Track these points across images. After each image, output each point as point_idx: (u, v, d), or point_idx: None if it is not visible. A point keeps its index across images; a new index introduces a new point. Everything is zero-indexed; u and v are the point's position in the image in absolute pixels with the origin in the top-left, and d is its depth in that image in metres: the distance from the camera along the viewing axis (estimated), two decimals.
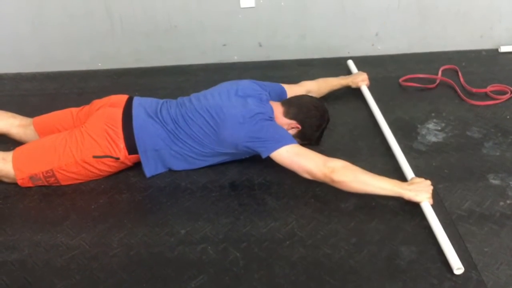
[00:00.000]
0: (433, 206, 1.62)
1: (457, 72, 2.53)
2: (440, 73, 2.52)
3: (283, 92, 2.03)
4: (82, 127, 1.80)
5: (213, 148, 1.79)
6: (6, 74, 2.77)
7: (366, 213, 1.64)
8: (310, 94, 2.12)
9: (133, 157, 1.80)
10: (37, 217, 1.68)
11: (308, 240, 1.54)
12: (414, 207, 1.62)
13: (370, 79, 2.36)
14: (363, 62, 2.64)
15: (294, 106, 1.87)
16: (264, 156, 1.70)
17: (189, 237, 1.56)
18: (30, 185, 1.78)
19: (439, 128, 2.08)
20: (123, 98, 1.91)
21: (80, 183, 1.81)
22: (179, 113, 1.81)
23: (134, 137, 1.77)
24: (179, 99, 1.92)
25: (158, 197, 1.76)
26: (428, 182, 1.64)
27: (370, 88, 2.33)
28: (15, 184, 1.78)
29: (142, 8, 2.65)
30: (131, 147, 1.78)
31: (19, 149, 1.78)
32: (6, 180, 1.78)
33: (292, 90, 2.06)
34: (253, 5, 2.64)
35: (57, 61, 2.77)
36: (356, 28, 2.76)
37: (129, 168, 1.86)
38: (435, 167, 1.85)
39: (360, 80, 2.34)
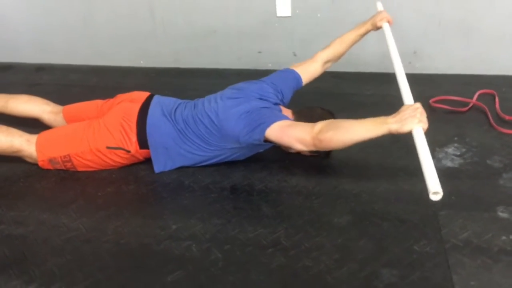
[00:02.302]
0: (429, 232, 1.56)
1: (494, 97, 2.41)
2: (475, 97, 2.41)
3: (297, 79, 2.03)
4: (101, 118, 1.92)
5: (218, 145, 1.84)
6: (58, 65, 3.01)
7: (357, 230, 1.60)
8: (329, 64, 2.12)
9: (144, 151, 1.89)
10: (49, 198, 1.81)
11: (291, 250, 1.54)
12: (409, 229, 1.57)
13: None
14: None
15: (304, 118, 1.86)
16: (262, 137, 1.70)
17: (178, 233, 1.62)
18: (50, 167, 1.93)
19: (458, 153, 1.99)
20: (144, 95, 2.01)
21: (94, 171, 1.93)
22: (190, 114, 1.87)
23: (146, 133, 1.87)
24: (196, 100, 1.98)
25: (161, 192, 1.83)
26: (416, 106, 1.44)
27: (397, 107, 2.27)
28: (37, 165, 1.93)
29: (184, 13, 2.77)
30: (143, 142, 1.87)
31: (44, 133, 1.93)
32: (29, 160, 1.93)
33: (307, 70, 2.06)
34: (289, 14, 2.67)
35: (103, 56, 2.97)
36: None
37: (141, 161, 1.95)
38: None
39: (379, 19, 2.05)
